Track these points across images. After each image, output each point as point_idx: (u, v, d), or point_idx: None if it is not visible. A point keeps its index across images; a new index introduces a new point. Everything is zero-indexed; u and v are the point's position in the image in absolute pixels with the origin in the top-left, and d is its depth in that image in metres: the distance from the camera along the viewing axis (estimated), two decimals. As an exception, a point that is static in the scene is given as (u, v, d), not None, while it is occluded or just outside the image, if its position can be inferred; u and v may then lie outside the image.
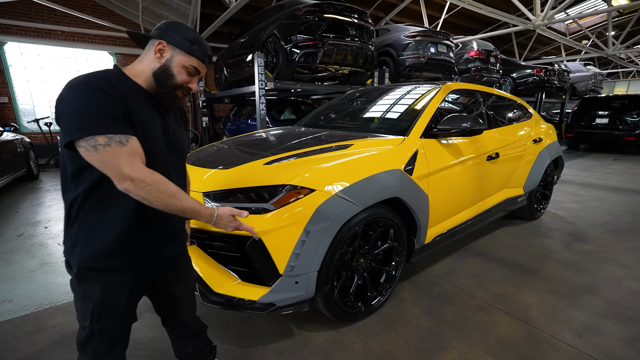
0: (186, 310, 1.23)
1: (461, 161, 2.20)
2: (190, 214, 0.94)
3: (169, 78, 0.96)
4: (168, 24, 0.98)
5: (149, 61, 0.96)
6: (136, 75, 0.95)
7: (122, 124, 0.84)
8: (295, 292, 1.48)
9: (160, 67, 0.95)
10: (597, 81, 12.93)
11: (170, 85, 0.97)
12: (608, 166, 6.86)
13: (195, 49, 0.97)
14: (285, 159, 1.70)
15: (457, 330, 1.74)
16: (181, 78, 0.97)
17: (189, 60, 0.97)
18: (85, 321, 0.95)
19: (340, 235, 1.53)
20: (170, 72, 0.96)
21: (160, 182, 0.87)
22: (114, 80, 0.88)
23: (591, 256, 2.62)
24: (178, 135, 1.08)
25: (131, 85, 0.93)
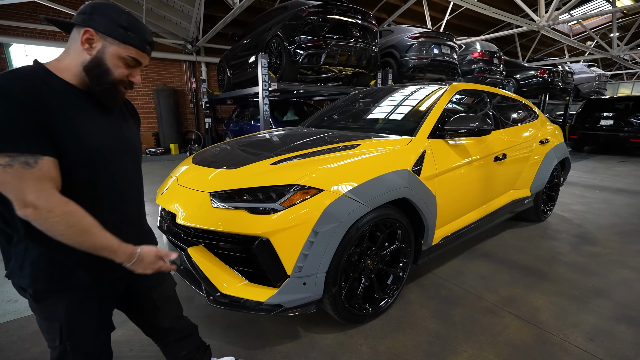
0: (167, 317, 1.13)
1: (468, 162, 2.18)
2: (104, 252, 0.79)
3: (105, 73, 0.82)
4: (94, 5, 0.81)
5: (76, 53, 0.80)
6: (62, 70, 0.80)
7: (31, 140, 0.69)
8: (303, 293, 1.46)
9: (91, 61, 0.80)
10: (601, 82, 12.84)
11: (108, 82, 0.83)
12: (613, 168, 6.81)
13: (131, 36, 0.82)
14: (292, 159, 1.69)
15: (466, 333, 1.71)
16: (119, 72, 0.83)
17: (125, 50, 0.82)
18: (54, 341, 0.87)
19: (348, 236, 1.51)
20: (105, 66, 0.81)
21: (71, 215, 0.73)
22: (29, 80, 0.73)
23: (600, 259, 2.58)
24: (128, 135, 0.96)
25: (56, 84, 0.78)
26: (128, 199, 0.96)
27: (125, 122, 0.98)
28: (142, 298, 1.06)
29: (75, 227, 0.74)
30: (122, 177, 0.92)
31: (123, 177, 0.92)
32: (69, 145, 0.76)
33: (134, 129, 1.03)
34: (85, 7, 0.81)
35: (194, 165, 1.94)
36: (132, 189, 0.98)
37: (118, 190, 0.91)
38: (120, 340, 1.65)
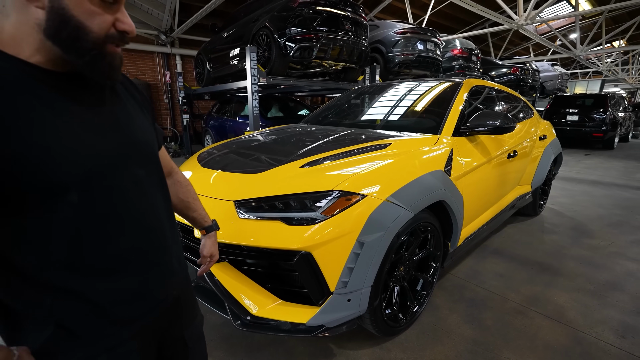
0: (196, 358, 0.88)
1: (488, 160, 2.14)
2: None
3: (80, 31, 0.51)
4: None
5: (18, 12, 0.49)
6: (9, 42, 0.50)
7: None
8: (347, 311, 1.32)
9: (49, 18, 0.49)
10: (563, 80, 13.75)
11: (91, 44, 0.53)
12: (582, 161, 7.26)
13: None
14: (321, 161, 1.53)
15: (503, 337, 1.66)
16: (98, 21, 0.52)
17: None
18: None
19: (391, 245, 1.39)
20: (74, 19, 0.50)
21: None
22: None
23: (601, 251, 2.67)
24: (132, 129, 0.65)
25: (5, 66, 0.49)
26: (146, 220, 0.66)
27: (124, 110, 0.66)
28: (173, 340, 0.80)
29: None
30: (130, 192, 0.63)
31: (131, 192, 0.63)
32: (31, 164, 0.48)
33: (140, 117, 0.70)
34: None
35: (203, 168, 1.72)
36: (150, 203, 0.67)
37: (127, 211, 0.62)
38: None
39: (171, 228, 0.74)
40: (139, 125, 0.68)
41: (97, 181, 0.56)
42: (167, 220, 0.72)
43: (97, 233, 0.58)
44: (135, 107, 0.70)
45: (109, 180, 0.58)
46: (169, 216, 0.74)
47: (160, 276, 0.70)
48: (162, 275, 0.70)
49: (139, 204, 0.64)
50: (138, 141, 0.66)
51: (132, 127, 0.66)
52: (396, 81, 2.92)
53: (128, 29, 0.56)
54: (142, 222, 0.65)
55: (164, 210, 0.71)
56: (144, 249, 0.66)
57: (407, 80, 2.79)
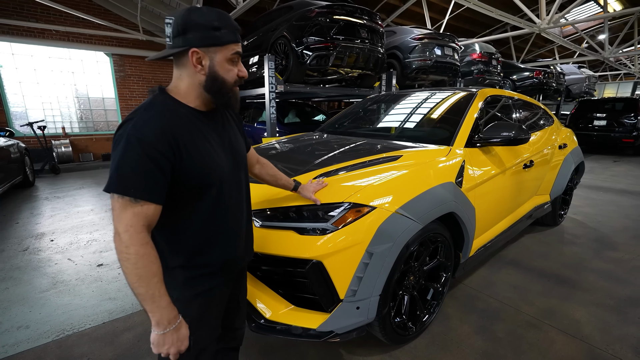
0: (241, 317, 1.20)
1: (502, 171, 2.13)
2: (148, 304, 0.75)
3: (223, 84, 0.83)
4: (184, 20, 0.78)
5: (190, 76, 0.82)
6: (184, 96, 0.84)
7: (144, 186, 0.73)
8: (356, 318, 1.37)
9: (207, 79, 0.82)
10: (590, 83, 13.18)
11: (228, 90, 0.85)
12: (610, 168, 6.94)
13: (226, 33, 0.80)
14: (334, 172, 1.59)
15: (514, 350, 1.66)
16: (231, 75, 0.84)
17: (227, 51, 0.82)
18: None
19: (400, 255, 1.43)
20: (220, 77, 0.82)
21: (141, 258, 0.73)
22: (165, 122, 0.77)
23: (624, 264, 2.58)
24: (237, 147, 0.98)
25: (183, 112, 0.82)
26: (241, 207, 0.98)
27: (231, 129, 0.98)
28: (232, 298, 1.09)
29: (139, 270, 0.73)
30: (237, 190, 0.96)
31: (238, 189, 0.96)
32: (199, 173, 0.82)
33: (239, 135, 1.03)
34: (176, 28, 0.78)
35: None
36: (244, 197, 1.00)
37: (235, 201, 0.95)
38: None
39: (249, 214, 1.06)
40: (239, 142, 1.00)
41: (224, 182, 0.89)
42: (249, 208, 1.06)
43: (218, 214, 0.89)
44: (235, 128, 1.02)
45: (228, 181, 0.91)
46: (248, 206, 1.06)
47: (244, 246, 1.01)
48: (245, 245, 1.02)
49: (239, 197, 0.97)
50: (241, 154, 0.99)
51: (237, 144, 0.98)
52: (411, 90, 2.94)
53: (244, 75, 0.88)
54: (238, 208, 0.97)
55: (247, 201, 1.03)
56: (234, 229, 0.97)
57: (421, 90, 2.81)
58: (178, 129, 0.78)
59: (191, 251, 0.88)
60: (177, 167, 0.77)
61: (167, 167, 0.75)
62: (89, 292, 2.19)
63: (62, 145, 7.39)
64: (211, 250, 0.91)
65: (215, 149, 0.87)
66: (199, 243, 0.89)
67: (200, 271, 0.90)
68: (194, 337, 0.90)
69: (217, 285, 0.95)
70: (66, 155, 7.39)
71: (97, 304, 2.06)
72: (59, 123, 7.71)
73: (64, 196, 4.73)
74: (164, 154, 0.74)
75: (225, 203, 0.91)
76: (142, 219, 0.73)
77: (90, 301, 2.09)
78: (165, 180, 0.76)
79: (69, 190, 5.10)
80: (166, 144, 0.75)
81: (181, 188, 0.80)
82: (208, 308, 0.95)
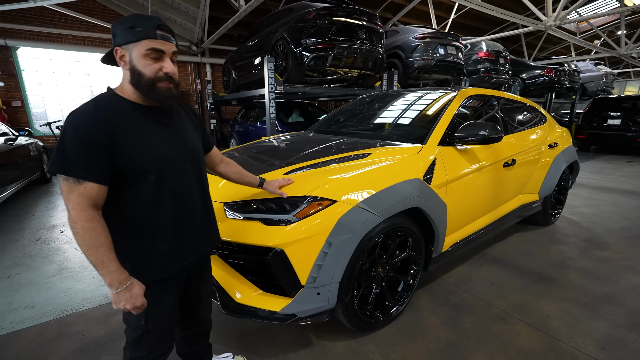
0: (205, 309, 1.32)
1: (478, 168, 2.18)
2: (101, 269, 0.87)
3: (141, 77, 0.91)
4: (113, 27, 0.92)
5: (123, 74, 0.94)
6: (125, 92, 0.95)
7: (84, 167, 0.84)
8: (316, 303, 1.48)
9: (130, 73, 0.91)
10: (608, 81, 12.71)
11: (146, 83, 0.91)
12: (621, 168, 6.75)
13: (138, 31, 0.88)
14: (304, 168, 1.71)
15: (477, 340, 1.72)
16: (149, 69, 0.90)
17: (141, 47, 0.89)
18: (139, 321, 1.02)
19: (361, 246, 1.53)
20: (138, 71, 0.90)
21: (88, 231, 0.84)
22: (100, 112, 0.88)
23: (610, 264, 2.58)
24: (187, 140, 1.07)
25: (125, 105, 0.93)
26: (191, 196, 1.07)
27: (185, 127, 1.08)
28: (192, 290, 1.22)
29: (87, 241, 0.85)
30: (184, 179, 1.03)
31: (184, 178, 1.03)
32: (134, 159, 0.91)
33: (193, 132, 1.12)
34: (112, 35, 0.92)
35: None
36: (195, 187, 1.08)
37: (181, 189, 1.03)
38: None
39: (205, 205, 1.14)
40: (191, 137, 1.10)
41: (165, 169, 0.97)
42: (203, 200, 1.13)
43: (161, 201, 0.97)
44: (190, 125, 1.13)
45: (171, 169, 0.99)
46: (204, 196, 1.15)
47: (196, 236, 1.10)
48: (198, 236, 1.11)
49: (187, 186, 1.05)
50: (191, 147, 1.08)
51: (187, 138, 1.07)
52: (397, 90, 3.01)
53: (169, 72, 0.94)
54: (186, 197, 1.05)
55: (200, 192, 1.12)
56: (199, 208, 1.10)
57: (407, 90, 2.87)
58: (113, 118, 0.88)
59: (138, 236, 0.96)
60: (112, 151, 0.87)
61: (102, 151, 0.85)
62: (89, 278, 2.39)
63: (79, 144, 7.77)
64: (157, 236, 0.99)
65: (155, 139, 0.95)
66: (145, 229, 0.97)
67: (148, 257, 0.99)
68: (152, 323, 1.02)
69: (166, 272, 1.02)
70: (82, 154, 7.76)
71: (95, 288, 2.25)
72: (76, 123, 8.11)
73: (77, 192, 5.03)
74: (98, 139, 0.84)
75: (169, 190, 0.99)
76: (86, 198, 0.84)
77: (90, 286, 2.28)
78: (102, 161, 0.85)
79: (82, 186, 5.40)
80: (99, 130, 0.85)
81: (120, 172, 0.90)
82: (161, 295, 1.03)
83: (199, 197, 1.11)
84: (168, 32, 0.93)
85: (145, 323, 1.02)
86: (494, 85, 8.23)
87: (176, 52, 0.97)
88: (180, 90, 1.02)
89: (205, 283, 1.28)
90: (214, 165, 1.35)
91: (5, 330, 1.82)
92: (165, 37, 0.92)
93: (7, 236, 3.20)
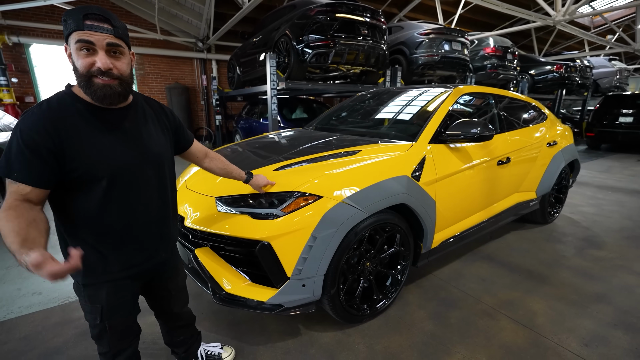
0: (178, 304, 1.34)
1: (470, 166, 2.20)
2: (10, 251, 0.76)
3: (76, 73, 0.86)
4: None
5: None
6: (80, 91, 0.90)
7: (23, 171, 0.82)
8: (302, 294, 1.54)
9: (73, 70, 0.87)
10: (622, 77, 12.37)
11: (82, 79, 0.86)
12: (630, 167, 6.61)
13: (69, 24, 0.83)
14: (294, 164, 1.76)
15: (461, 334, 1.77)
16: (80, 63, 0.84)
17: (72, 40, 0.84)
18: (95, 320, 1.03)
19: (346, 240, 1.58)
20: (74, 66, 0.86)
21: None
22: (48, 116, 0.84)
23: (604, 263, 2.57)
24: (148, 144, 1.01)
25: (79, 106, 0.89)
26: (147, 203, 1.03)
27: (148, 129, 1.03)
28: (161, 287, 1.24)
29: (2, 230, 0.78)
30: (140, 185, 0.99)
31: (142, 185, 1.00)
32: (84, 164, 0.88)
33: (160, 135, 1.07)
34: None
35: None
36: (153, 193, 1.04)
37: (135, 196, 0.99)
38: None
39: (163, 210, 1.10)
40: (155, 140, 1.05)
41: (120, 176, 0.94)
42: (162, 206, 1.10)
43: (113, 207, 0.95)
44: (157, 127, 1.07)
45: (127, 175, 0.96)
46: (164, 203, 1.11)
47: (152, 243, 1.09)
48: (153, 242, 1.09)
49: (142, 192, 1.01)
50: (153, 152, 1.03)
51: (150, 142, 1.02)
52: (393, 88, 3.03)
53: (101, 66, 0.86)
54: (145, 205, 1.02)
55: (159, 197, 1.08)
56: (155, 215, 1.07)
57: (403, 88, 2.89)
58: (62, 122, 0.85)
59: (87, 242, 0.94)
60: (59, 157, 0.84)
61: (48, 156, 0.82)
62: (93, 268, 2.50)
63: (89, 138, 7.99)
64: (107, 241, 0.97)
65: (109, 144, 0.91)
66: (96, 233, 0.95)
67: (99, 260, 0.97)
68: (108, 322, 1.02)
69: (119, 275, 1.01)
70: (92, 148, 7.98)
71: (98, 277, 2.36)
72: (86, 118, 8.33)
73: (86, 185, 5.20)
74: (43, 144, 0.81)
75: (121, 197, 0.95)
76: (18, 195, 0.82)
77: (94, 275, 2.40)
78: (45, 167, 0.83)
79: (91, 180, 5.57)
80: (45, 135, 0.82)
81: (70, 176, 0.87)
82: (119, 297, 1.03)
83: (156, 203, 1.07)
84: (100, 21, 0.84)
85: (101, 322, 1.02)
86: (501, 82, 8.12)
87: (114, 43, 0.86)
88: (128, 86, 0.94)
89: (174, 280, 1.27)
90: (198, 161, 1.36)
91: (14, 314, 1.94)
92: (94, 27, 0.83)
93: (19, 227, 3.34)
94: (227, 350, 1.60)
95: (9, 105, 6.77)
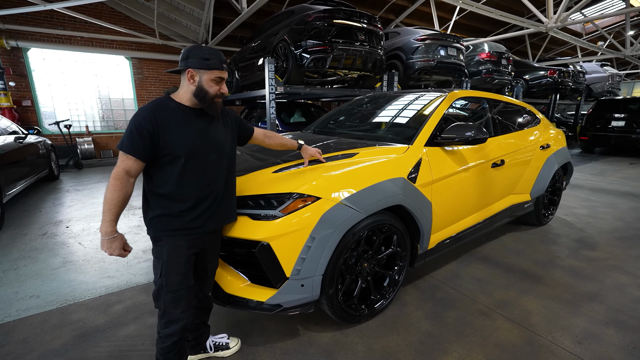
0: (208, 286, 1.53)
1: (465, 169, 2.25)
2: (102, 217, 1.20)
3: (205, 94, 1.26)
4: (187, 51, 1.26)
5: (186, 86, 1.28)
6: (180, 97, 1.30)
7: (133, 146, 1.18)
8: (301, 294, 1.56)
9: (196, 89, 1.26)
10: (614, 82, 12.59)
11: (209, 99, 1.27)
12: (623, 170, 6.72)
13: (212, 63, 1.24)
14: (293, 167, 1.79)
15: (458, 334, 1.79)
16: (213, 90, 1.27)
17: (212, 74, 1.25)
18: (157, 275, 1.28)
19: (344, 241, 1.61)
20: (204, 89, 1.26)
21: (110, 186, 1.18)
22: (152, 109, 1.22)
23: (597, 263, 2.62)
24: (215, 136, 1.36)
25: (173, 106, 1.27)
26: (213, 179, 1.34)
27: (219, 127, 1.38)
28: (200, 266, 1.43)
29: (106, 192, 1.19)
30: (207, 164, 1.32)
31: (208, 164, 1.32)
32: (170, 144, 1.22)
33: (225, 131, 1.42)
34: (182, 55, 1.26)
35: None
36: (217, 173, 1.36)
37: (203, 172, 1.31)
38: (133, 334, 1.78)
39: (227, 189, 1.42)
40: (220, 134, 1.39)
41: (194, 155, 1.27)
42: (224, 184, 1.40)
43: (187, 178, 1.27)
44: (221, 124, 1.41)
45: (197, 155, 1.28)
46: (227, 182, 1.42)
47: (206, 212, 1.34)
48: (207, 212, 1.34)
49: (207, 170, 1.33)
50: (216, 141, 1.36)
51: (215, 135, 1.36)
52: (390, 92, 3.09)
53: (225, 92, 1.32)
54: (207, 180, 1.32)
55: (224, 177, 1.39)
56: (218, 190, 1.37)
57: (399, 92, 2.94)
58: (162, 113, 1.22)
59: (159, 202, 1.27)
60: (155, 138, 1.20)
61: (147, 136, 1.18)
62: (92, 271, 2.51)
63: (85, 142, 7.99)
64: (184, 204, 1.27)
65: (189, 133, 1.26)
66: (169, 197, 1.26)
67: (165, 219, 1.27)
68: (165, 279, 1.27)
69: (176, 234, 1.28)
70: (89, 152, 7.98)
71: (97, 280, 2.37)
72: (83, 122, 8.33)
73: (83, 189, 5.19)
74: (147, 127, 1.18)
75: (193, 171, 1.27)
76: (124, 165, 1.18)
77: (92, 278, 2.40)
78: (145, 144, 1.18)
79: (89, 184, 5.56)
80: (149, 122, 1.19)
81: (160, 153, 1.22)
82: (176, 256, 1.28)
83: (221, 181, 1.37)
84: (227, 65, 1.31)
85: (160, 278, 1.27)
86: (496, 87, 8.24)
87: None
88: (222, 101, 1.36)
89: (213, 261, 1.49)
90: (261, 143, 1.70)
91: (12, 317, 1.94)
92: (225, 69, 1.29)
93: (16, 230, 3.34)
94: (234, 340, 1.69)
95: (6, 109, 6.77)
